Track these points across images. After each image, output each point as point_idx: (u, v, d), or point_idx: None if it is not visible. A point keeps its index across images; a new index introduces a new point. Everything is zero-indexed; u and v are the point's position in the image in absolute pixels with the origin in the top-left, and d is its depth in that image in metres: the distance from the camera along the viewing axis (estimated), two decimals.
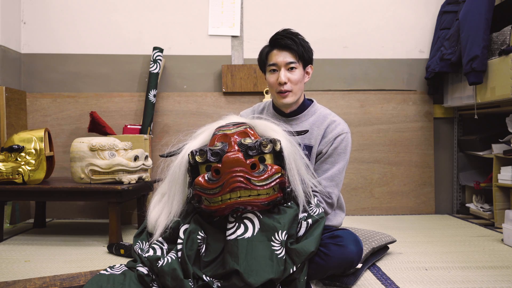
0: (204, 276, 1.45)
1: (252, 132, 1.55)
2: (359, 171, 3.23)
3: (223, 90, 3.16)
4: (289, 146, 1.55)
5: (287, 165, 1.52)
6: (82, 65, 3.18)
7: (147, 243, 1.68)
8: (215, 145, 1.50)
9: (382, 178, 3.24)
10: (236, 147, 1.46)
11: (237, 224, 1.46)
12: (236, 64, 3.17)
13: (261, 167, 1.44)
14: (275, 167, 1.45)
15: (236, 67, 3.15)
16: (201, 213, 1.56)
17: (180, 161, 1.58)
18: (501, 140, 2.80)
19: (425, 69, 3.20)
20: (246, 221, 1.47)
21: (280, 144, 1.50)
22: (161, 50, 3.07)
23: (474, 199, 3.08)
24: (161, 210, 1.66)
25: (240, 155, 1.40)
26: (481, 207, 2.98)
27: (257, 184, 1.41)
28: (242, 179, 1.39)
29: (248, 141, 1.48)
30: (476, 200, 3.06)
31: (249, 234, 1.44)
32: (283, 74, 1.80)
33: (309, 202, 1.60)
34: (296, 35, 1.82)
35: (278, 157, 1.51)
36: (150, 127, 3.02)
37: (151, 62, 3.05)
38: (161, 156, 1.69)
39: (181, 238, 1.51)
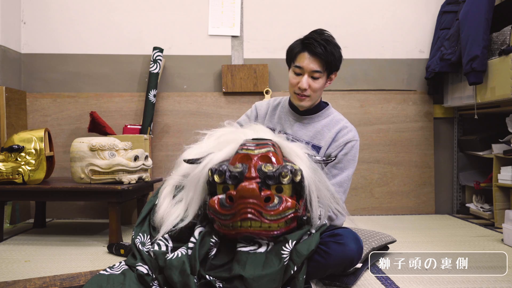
0: (207, 276, 1.46)
1: (275, 156, 1.50)
2: (359, 171, 3.22)
3: (223, 90, 3.16)
4: (311, 176, 1.51)
5: (306, 195, 1.49)
6: (82, 65, 3.18)
7: (148, 236, 1.68)
8: (235, 166, 1.47)
9: (382, 178, 3.24)
10: (255, 173, 1.44)
11: (248, 243, 1.48)
12: (236, 64, 3.17)
13: (276, 200, 1.42)
14: (289, 201, 1.43)
15: (236, 67, 3.15)
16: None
17: (200, 173, 1.57)
18: (501, 140, 2.80)
19: (425, 69, 3.20)
20: (259, 240, 1.49)
21: (301, 174, 1.46)
22: (161, 50, 3.07)
23: (474, 199, 3.07)
24: (171, 206, 1.66)
25: (255, 186, 1.38)
26: (481, 207, 2.97)
27: (268, 218, 1.40)
28: (253, 211, 1.39)
29: (268, 168, 1.44)
30: (476, 200, 3.06)
31: (261, 250, 1.46)
32: (305, 80, 1.81)
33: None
34: (329, 42, 1.79)
35: (299, 184, 1.48)
36: (150, 127, 3.02)
37: (151, 62, 3.05)
38: (185, 161, 1.66)
39: (195, 238, 1.52)
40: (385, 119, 3.25)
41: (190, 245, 1.52)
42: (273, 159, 1.49)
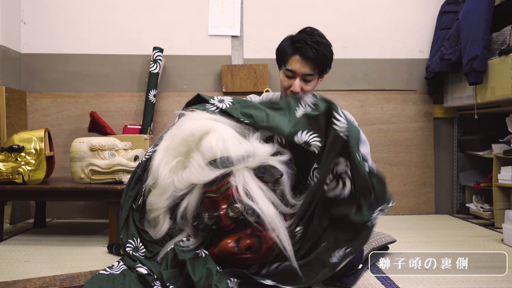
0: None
1: (237, 189, 1.48)
2: None
3: (223, 90, 3.16)
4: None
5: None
6: (82, 65, 3.18)
7: (138, 239, 1.67)
8: (209, 216, 1.48)
9: None
10: (227, 221, 1.45)
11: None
12: (236, 64, 3.17)
13: (256, 242, 1.43)
14: (269, 235, 1.43)
15: (236, 67, 3.15)
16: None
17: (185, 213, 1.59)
18: (501, 140, 2.80)
19: (425, 69, 3.20)
20: None
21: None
22: (161, 50, 3.07)
23: (474, 199, 3.07)
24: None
25: (231, 245, 1.42)
26: (481, 207, 2.97)
27: (263, 257, 1.45)
28: (246, 262, 1.44)
29: (236, 210, 1.44)
30: (476, 200, 3.06)
31: None
32: (298, 84, 1.79)
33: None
34: (320, 43, 1.77)
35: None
36: (150, 127, 3.02)
37: (151, 62, 3.05)
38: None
39: None
40: (385, 119, 3.25)
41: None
42: (237, 194, 1.46)
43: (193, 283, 1.40)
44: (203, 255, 1.49)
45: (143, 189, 1.72)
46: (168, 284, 1.43)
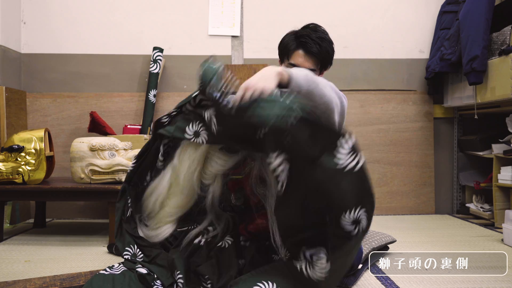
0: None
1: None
2: None
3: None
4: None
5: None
6: (82, 65, 3.18)
7: (135, 245, 1.68)
8: (236, 197, 1.55)
9: (382, 178, 3.24)
10: (255, 198, 1.50)
11: None
12: (236, 64, 3.17)
13: None
14: None
15: (236, 67, 3.15)
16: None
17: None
18: (501, 140, 2.80)
19: (425, 69, 3.20)
20: None
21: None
22: (161, 50, 3.07)
23: (474, 199, 3.07)
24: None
25: (263, 222, 1.47)
26: (481, 207, 2.97)
27: None
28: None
29: (261, 187, 1.50)
30: (476, 200, 3.06)
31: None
32: None
33: None
34: (323, 39, 1.78)
35: None
36: (150, 127, 3.02)
37: (151, 62, 3.05)
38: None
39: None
40: (385, 119, 3.25)
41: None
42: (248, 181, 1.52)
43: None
44: (227, 244, 1.53)
45: (129, 203, 1.75)
46: (177, 272, 1.49)
